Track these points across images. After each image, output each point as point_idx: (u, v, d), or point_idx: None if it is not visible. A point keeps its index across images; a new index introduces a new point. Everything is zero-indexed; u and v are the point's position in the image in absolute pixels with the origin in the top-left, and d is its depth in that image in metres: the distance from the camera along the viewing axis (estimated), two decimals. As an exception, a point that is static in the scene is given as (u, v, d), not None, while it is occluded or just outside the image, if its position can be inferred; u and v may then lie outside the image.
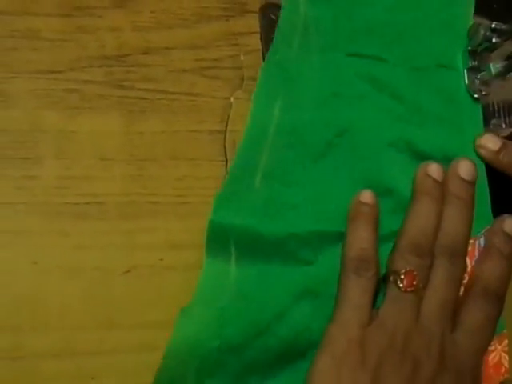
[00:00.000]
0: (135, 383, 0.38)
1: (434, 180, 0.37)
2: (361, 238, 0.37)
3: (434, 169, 0.38)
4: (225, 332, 0.37)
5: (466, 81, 0.42)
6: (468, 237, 0.37)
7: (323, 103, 0.40)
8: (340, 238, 0.38)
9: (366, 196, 0.37)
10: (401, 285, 0.35)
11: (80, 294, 0.37)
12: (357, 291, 0.36)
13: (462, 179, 0.37)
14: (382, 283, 0.37)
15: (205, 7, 0.41)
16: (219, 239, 0.38)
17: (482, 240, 0.38)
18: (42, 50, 0.39)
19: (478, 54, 0.42)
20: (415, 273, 0.36)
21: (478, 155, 0.40)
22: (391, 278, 0.36)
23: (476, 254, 0.38)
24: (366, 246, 0.36)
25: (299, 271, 0.38)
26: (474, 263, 0.38)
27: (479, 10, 0.43)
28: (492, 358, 0.37)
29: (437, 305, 0.36)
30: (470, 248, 0.38)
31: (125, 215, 0.38)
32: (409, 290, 0.35)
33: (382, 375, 0.34)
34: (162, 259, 0.38)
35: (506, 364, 0.38)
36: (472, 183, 0.38)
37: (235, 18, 0.41)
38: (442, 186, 0.38)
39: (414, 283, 0.35)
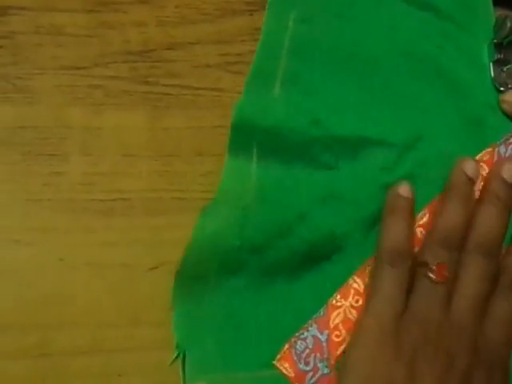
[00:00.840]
0: (162, 380, 0.37)
1: (468, 177, 0.37)
2: (397, 232, 0.37)
3: (469, 166, 0.37)
4: (246, 232, 0.37)
5: (492, 74, 0.41)
6: (503, 239, 0.37)
7: (340, 14, 0.40)
8: (361, 143, 0.38)
9: (404, 189, 0.37)
10: (432, 277, 0.35)
11: (107, 291, 0.37)
12: (391, 283, 0.36)
13: (505, 181, 0.37)
14: None
15: (228, 2, 0.41)
16: (242, 140, 0.38)
17: None
18: (66, 45, 0.39)
19: (504, 46, 0.42)
20: (446, 265, 0.35)
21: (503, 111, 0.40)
22: (421, 271, 0.36)
23: None
24: (402, 239, 0.36)
25: (321, 175, 0.38)
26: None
27: (506, 2, 0.42)
28: None
29: (469, 300, 0.36)
30: None
31: (151, 211, 0.38)
32: (440, 281, 0.35)
33: (417, 367, 0.34)
34: (188, 255, 0.38)
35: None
36: None
37: (259, 13, 0.41)
38: (473, 183, 0.38)
39: (445, 275, 0.35)
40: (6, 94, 0.38)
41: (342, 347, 0.37)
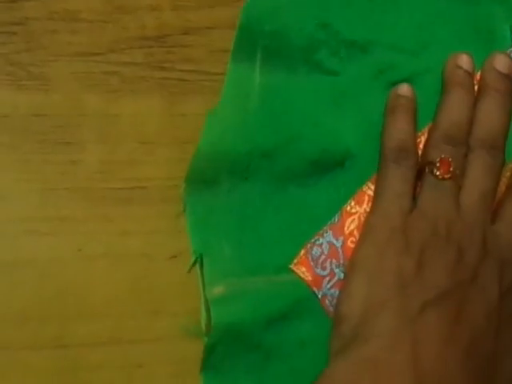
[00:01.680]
0: (183, 370, 0.37)
1: (465, 71, 0.36)
2: (400, 129, 0.36)
3: (465, 59, 0.37)
4: (254, 136, 0.37)
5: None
6: (506, 131, 0.36)
7: None
8: (367, 47, 0.38)
9: (405, 89, 0.37)
10: (437, 173, 0.35)
11: (126, 281, 0.37)
12: (397, 180, 0.35)
13: (499, 72, 0.36)
14: None
15: (245, -15, 0.40)
16: (246, 43, 0.38)
17: None
18: (81, 31, 0.38)
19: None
20: (450, 159, 0.35)
21: None
22: (426, 169, 0.35)
23: None
24: (405, 137, 0.36)
25: (327, 80, 0.38)
26: None
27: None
28: None
29: (477, 195, 0.35)
30: None
31: (169, 199, 0.37)
32: (446, 176, 0.34)
33: (426, 260, 0.33)
34: (208, 244, 0.37)
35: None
36: (509, 77, 0.36)
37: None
38: (472, 77, 0.37)
39: (451, 170, 0.35)
40: (21, 82, 0.37)
41: None
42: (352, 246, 0.36)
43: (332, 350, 0.34)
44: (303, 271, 0.37)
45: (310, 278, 0.37)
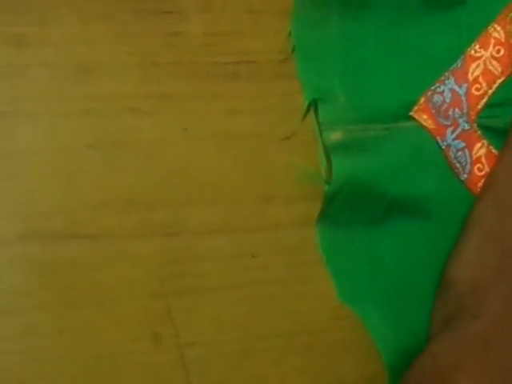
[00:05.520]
0: (298, 260, 0.34)
1: None
2: None
3: None
4: None
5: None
6: None
7: None
8: None
9: None
10: None
11: (236, 165, 0.33)
12: None
13: None
14: None
15: None
16: None
17: None
18: None
19: None
20: None
21: None
22: None
23: None
24: None
25: None
26: None
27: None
28: None
29: None
30: None
31: (280, 75, 0.34)
32: None
33: None
34: (324, 123, 0.34)
35: None
36: None
37: None
38: None
39: None
40: None
41: (483, 101, 0.33)
42: (477, 93, 0.33)
43: (437, 313, 0.31)
44: (425, 118, 0.34)
45: (433, 126, 0.33)
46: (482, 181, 0.33)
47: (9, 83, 0.31)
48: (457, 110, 0.34)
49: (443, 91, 0.34)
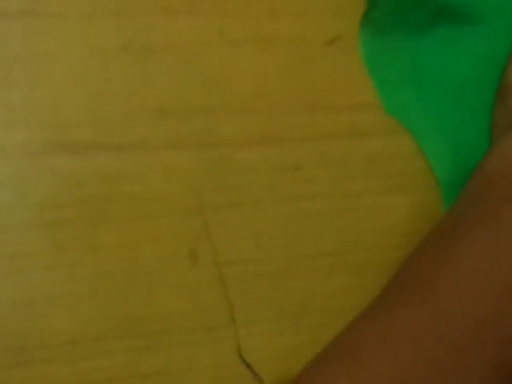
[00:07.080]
0: (345, 174, 0.32)
1: None
2: None
3: None
4: None
5: None
6: None
7: None
8: None
9: None
10: None
11: (277, 71, 0.31)
12: None
13: None
14: None
15: None
16: None
17: None
18: None
19: None
20: None
21: None
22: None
23: None
24: None
25: None
26: None
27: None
28: None
29: None
30: None
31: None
32: None
33: None
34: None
35: None
36: None
37: None
38: None
39: None
40: None
41: None
42: None
43: (497, 121, 0.29)
44: None
45: None
46: None
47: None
48: None
49: None
